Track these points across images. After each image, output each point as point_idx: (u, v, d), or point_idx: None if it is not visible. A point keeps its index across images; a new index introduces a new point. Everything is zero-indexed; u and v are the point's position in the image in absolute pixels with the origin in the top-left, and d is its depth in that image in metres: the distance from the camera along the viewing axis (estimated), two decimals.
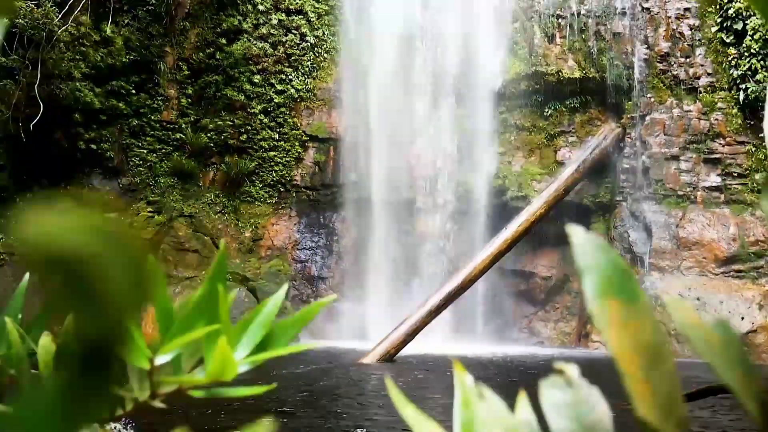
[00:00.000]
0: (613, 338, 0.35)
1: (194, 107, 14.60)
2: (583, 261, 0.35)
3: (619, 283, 0.36)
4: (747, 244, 12.13)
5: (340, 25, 14.68)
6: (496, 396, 0.42)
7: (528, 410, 0.42)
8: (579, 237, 0.36)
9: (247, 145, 14.73)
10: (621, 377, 0.35)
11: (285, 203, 14.92)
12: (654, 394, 0.36)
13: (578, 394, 0.38)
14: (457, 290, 11.32)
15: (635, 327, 0.35)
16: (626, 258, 12.96)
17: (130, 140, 14.14)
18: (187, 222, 14.16)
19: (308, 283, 14.73)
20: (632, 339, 0.35)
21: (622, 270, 0.36)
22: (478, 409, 0.41)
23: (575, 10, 13.55)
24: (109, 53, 13.28)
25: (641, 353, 0.35)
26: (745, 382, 0.40)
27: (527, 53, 13.74)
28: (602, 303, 0.35)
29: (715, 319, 0.38)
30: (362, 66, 14.22)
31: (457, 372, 0.43)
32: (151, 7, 13.79)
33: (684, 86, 12.96)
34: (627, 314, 0.35)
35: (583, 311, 13.64)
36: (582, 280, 0.36)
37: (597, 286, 0.35)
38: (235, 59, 14.40)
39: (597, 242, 0.36)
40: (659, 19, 13.17)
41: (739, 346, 0.41)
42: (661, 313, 11.88)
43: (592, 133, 13.67)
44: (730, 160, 12.57)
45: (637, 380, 0.35)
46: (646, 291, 12.27)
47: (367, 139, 14.23)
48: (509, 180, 13.89)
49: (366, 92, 14.21)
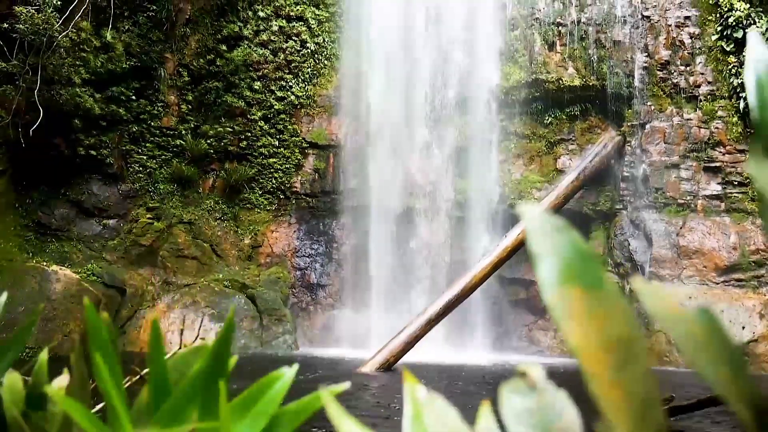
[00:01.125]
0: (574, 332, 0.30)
1: (194, 113, 14.59)
2: (538, 244, 0.31)
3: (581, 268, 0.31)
4: (748, 253, 12.07)
5: (341, 32, 14.68)
6: (451, 408, 0.38)
7: (490, 420, 0.38)
8: (533, 218, 0.32)
9: (247, 151, 14.70)
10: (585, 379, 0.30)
11: (284, 210, 14.88)
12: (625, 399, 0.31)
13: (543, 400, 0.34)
14: (456, 298, 11.27)
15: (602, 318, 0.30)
16: (627, 266, 12.90)
17: (129, 146, 14.12)
18: (187, 229, 14.11)
19: (307, 291, 14.67)
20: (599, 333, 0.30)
21: (585, 253, 0.31)
22: (431, 422, 0.37)
23: (575, 18, 13.54)
24: (110, 59, 13.27)
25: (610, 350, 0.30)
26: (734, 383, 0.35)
27: (527, 61, 13.73)
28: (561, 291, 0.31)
29: (697, 307, 0.34)
30: (362, 73, 14.21)
31: (408, 384, 0.39)
32: (151, 13, 13.79)
33: (684, 94, 12.93)
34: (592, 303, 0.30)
35: None
36: (536, 266, 0.32)
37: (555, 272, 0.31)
38: (236, 66, 14.39)
39: (554, 223, 0.32)
40: (659, 28, 13.16)
41: (727, 339, 0.36)
42: None
43: (592, 141, 13.64)
44: (731, 168, 12.52)
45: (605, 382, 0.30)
46: None
47: (367, 146, 14.20)
48: (509, 188, 13.84)
49: (366, 99, 14.19)
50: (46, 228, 13.28)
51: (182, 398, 0.52)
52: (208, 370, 0.51)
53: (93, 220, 13.75)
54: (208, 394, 0.52)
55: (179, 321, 12.46)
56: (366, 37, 14.21)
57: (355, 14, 14.40)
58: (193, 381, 0.52)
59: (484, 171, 13.91)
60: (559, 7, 13.70)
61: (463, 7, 13.86)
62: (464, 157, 13.99)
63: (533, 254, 0.32)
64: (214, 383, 0.52)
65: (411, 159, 14.20)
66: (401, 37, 14.04)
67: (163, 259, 13.69)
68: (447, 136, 13.99)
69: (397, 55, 14.05)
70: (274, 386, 0.55)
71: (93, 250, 13.40)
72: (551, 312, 0.32)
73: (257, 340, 12.65)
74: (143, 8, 13.73)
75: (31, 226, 13.14)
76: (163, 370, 0.54)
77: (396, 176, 14.13)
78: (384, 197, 14.04)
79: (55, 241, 13.20)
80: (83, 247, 13.38)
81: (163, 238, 13.77)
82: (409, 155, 14.19)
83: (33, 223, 13.18)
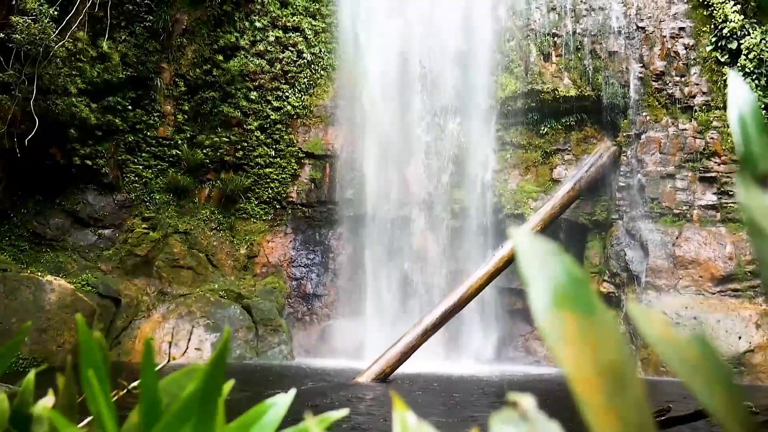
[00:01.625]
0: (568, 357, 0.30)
1: (190, 123, 14.58)
2: (530, 268, 0.30)
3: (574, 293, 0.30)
4: (743, 263, 12.08)
5: (337, 42, 14.73)
6: None
7: None
8: (523, 241, 0.31)
9: (243, 161, 14.70)
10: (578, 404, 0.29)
11: (280, 220, 14.86)
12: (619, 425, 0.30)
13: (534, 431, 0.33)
14: (453, 308, 11.24)
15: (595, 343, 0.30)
16: (623, 276, 12.91)
17: (125, 156, 14.09)
18: (182, 239, 14.08)
19: (303, 301, 14.63)
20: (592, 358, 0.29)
21: (577, 277, 0.31)
22: None
23: (571, 29, 13.60)
24: (106, 69, 13.27)
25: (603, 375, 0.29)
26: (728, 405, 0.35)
27: (523, 71, 13.78)
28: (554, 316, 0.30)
29: (691, 332, 0.33)
30: (358, 83, 14.25)
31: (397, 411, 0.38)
32: (148, 23, 13.81)
33: (679, 105, 12.98)
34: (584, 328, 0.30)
35: None
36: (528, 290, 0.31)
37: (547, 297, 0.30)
38: (232, 76, 14.41)
39: (545, 246, 0.31)
40: (654, 39, 13.23)
41: (719, 363, 0.36)
42: None
43: (588, 151, 13.67)
44: (726, 178, 12.55)
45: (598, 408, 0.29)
46: None
47: (363, 156, 14.22)
48: (505, 197, 13.86)
49: (362, 109, 14.22)
50: (41, 238, 13.23)
51: (174, 420, 0.51)
52: (201, 392, 0.49)
53: (88, 230, 13.71)
54: (202, 416, 0.51)
55: (174, 331, 12.40)
56: (362, 47, 14.26)
57: (351, 25, 14.46)
58: (186, 403, 0.51)
59: (480, 180, 13.93)
60: (555, 18, 13.77)
61: (458, 18, 13.92)
62: (460, 166, 14.01)
63: (524, 278, 0.31)
64: (209, 405, 0.50)
65: (407, 169, 14.22)
66: (397, 47, 14.09)
67: (159, 270, 13.65)
68: (443, 146, 14.00)
69: (392, 65, 14.09)
70: (266, 415, 0.53)
71: (88, 260, 13.35)
72: (544, 337, 0.31)
73: (253, 351, 12.60)
74: (140, 18, 13.75)
75: (25, 236, 13.09)
76: (154, 391, 0.52)
77: (392, 186, 14.14)
78: (380, 207, 14.05)
79: (50, 251, 13.14)
80: (78, 257, 13.33)
81: (159, 248, 13.73)
82: (405, 165, 14.20)
83: (28, 233, 13.12)
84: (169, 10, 14.09)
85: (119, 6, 13.32)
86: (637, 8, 13.43)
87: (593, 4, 13.64)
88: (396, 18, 14.02)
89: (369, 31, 14.17)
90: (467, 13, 13.92)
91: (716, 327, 11.46)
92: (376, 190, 14.07)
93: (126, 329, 12.52)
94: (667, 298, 12.16)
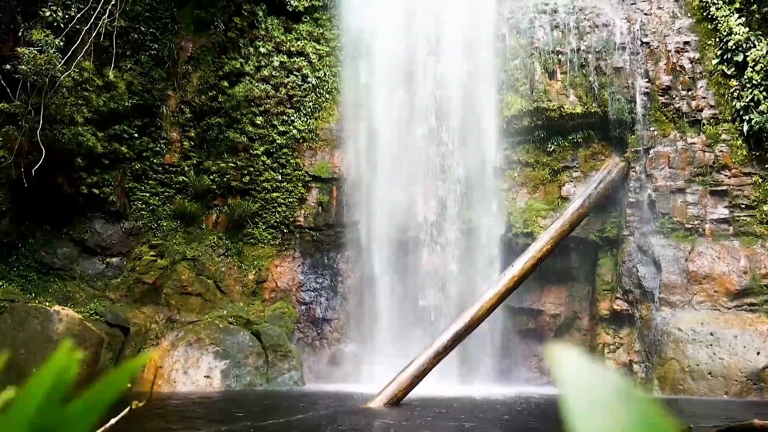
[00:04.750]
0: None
1: (197, 150, 14.60)
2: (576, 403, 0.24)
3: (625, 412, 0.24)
4: (758, 277, 11.90)
5: (341, 65, 14.76)
6: None
7: None
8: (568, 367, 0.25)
9: (249, 186, 14.68)
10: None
11: (288, 244, 14.79)
12: None
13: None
14: (464, 330, 11.09)
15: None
16: (636, 293, 12.72)
17: (132, 184, 14.10)
18: (190, 265, 14.02)
19: (313, 326, 14.50)
20: None
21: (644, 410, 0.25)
22: None
23: (575, 46, 13.59)
24: (112, 98, 13.33)
25: None
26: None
27: (528, 90, 13.75)
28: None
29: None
30: (364, 105, 14.26)
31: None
32: (153, 51, 13.90)
33: (687, 119, 12.90)
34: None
35: (594, 349, 13.34)
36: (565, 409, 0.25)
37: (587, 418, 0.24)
38: (238, 101, 14.45)
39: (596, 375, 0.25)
40: (659, 53, 13.19)
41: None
42: (674, 349, 11.60)
43: (597, 167, 13.58)
44: (737, 191, 12.42)
45: None
46: (657, 327, 12.00)
47: (370, 178, 14.18)
48: (514, 216, 13.75)
49: (368, 131, 14.21)
50: (49, 268, 13.19)
51: None
52: None
53: (96, 259, 13.67)
54: None
55: (183, 359, 12.28)
56: (366, 70, 14.29)
57: (355, 48, 14.51)
58: None
59: (488, 200, 13.84)
60: (558, 36, 13.77)
61: (462, 39, 13.94)
62: (468, 186, 13.93)
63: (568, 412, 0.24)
64: None
65: (415, 190, 14.15)
66: (401, 69, 14.11)
67: (167, 297, 13.57)
68: (450, 166, 13.94)
69: (397, 86, 14.10)
70: None
71: (96, 288, 13.30)
72: None
73: (263, 377, 12.46)
74: (145, 47, 13.84)
75: (33, 266, 13.05)
76: None
77: (400, 208, 14.07)
78: (388, 229, 13.96)
79: (57, 281, 13.10)
80: (86, 286, 13.28)
81: (167, 275, 13.66)
82: (413, 186, 14.14)
83: (36, 263, 13.09)
84: (174, 38, 14.20)
85: (125, 35, 13.42)
86: (641, 24, 13.41)
87: (597, 21, 13.64)
88: (400, 40, 14.06)
89: (373, 53, 14.21)
90: (471, 33, 13.94)
91: (733, 342, 11.25)
92: (384, 212, 13.99)
93: (135, 358, 12.40)
94: (682, 314, 11.96)
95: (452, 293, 13.53)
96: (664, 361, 11.67)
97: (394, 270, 13.92)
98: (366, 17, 14.24)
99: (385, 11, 14.08)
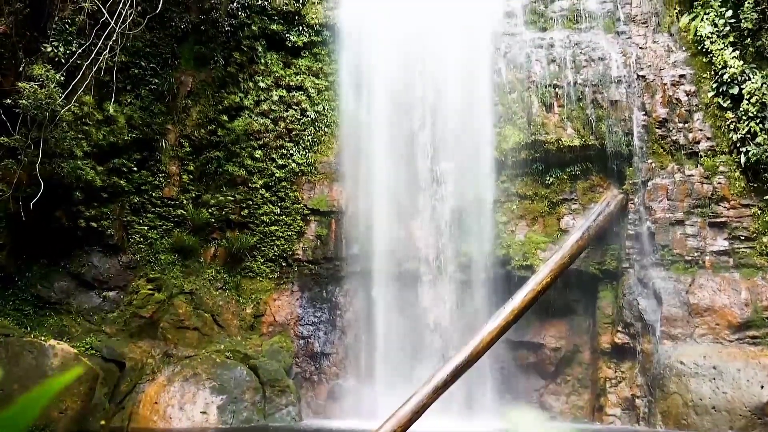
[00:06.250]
0: None
1: (195, 183, 14.62)
2: None
3: None
4: (760, 309, 11.80)
5: (340, 99, 14.87)
6: None
7: None
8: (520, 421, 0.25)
9: (248, 220, 14.66)
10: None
11: (287, 278, 14.71)
12: None
13: None
14: (464, 364, 10.96)
15: None
16: (637, 327, 12.60)
17: (131, 217, 14.09)
18: (188, 299, 13.91)
19: (311, 360, 14.33)
20: None
21: None
22: None
23: (571, 79, 13.71)
24: (112, 131, 13.40)
25: None
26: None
27: (526, 123, 13.83)
28: None
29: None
30: (362, 139, 14.31)
31: None
32: (153, 86, 14.02)
33: (684, 151, 12.94)
34: None
35: (595, 383, 13.17)
36: None
37: None
38: (237, 135, 14.52)
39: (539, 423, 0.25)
40: (655, 86, 13.30)
41: None
42: (676, 383, 11.44)
43: (595, 199, 13.58)
44: (736, 223, 12.39)
45: None
46: (659, 361, 11.86)
47: (369, 211, 14.16)
48: (513, 249, 13.70)
49: (366, 165, 14.25)
50: (45, 301, 13.09)
51: None
52: None
53: (93, 293, 13.58)
54: None
55: (179, 394, 12.10)
56: (365, 104, 14.40)
57: (354, 83, 14.63)
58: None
59: (487, 233, 13.80)
60: (555, 70, 13.90)
61: (459, 73, 14.07)
62: (467, 219, 13.91)
63: None
64: None
65: (413, 223, 14.13)
66: (400, 103, 14.21)
67: (164, 331, 13.43)
68: (448, 199, 13.95)
69: (396, 120, 14.18)
70: None
71: (92, 323, 13.18)
72: None
73: (260, 413, 12.27)
74: (146, 82, 13.96)
75: (29, 299, 12.96)
76: None
77: (398, 241, 14.03)
78: (387, 262, 13.90)
79: (53, 315, 12.99)
80: (82, 320, 13.16)
81: (164, 309, 13.55)
82: (411, 220, 14.13)
83: (32, 297, 13.00)
84: (174, 72, 14.33)
85: (125, 70, 13.54)
86: (637, 57, 13.55)
87: (592, 54, 13.78)
88: (398, 74, 14.19)
89: (371, 87, 14.32)
90: (468, 68, 14.08)
91: (737, 376, 11.10)
92: (383, 246, 13.95)
93: (130, 393, 12.23)
94: (685, 348, 11.83)
95: (451, 326, 13.41)
96: (666, 396, 11.51)
97: (393, 304, 13.82)
98: (364, 52, 14.40)
99: (383, 46, 14.24)
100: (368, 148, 14.23)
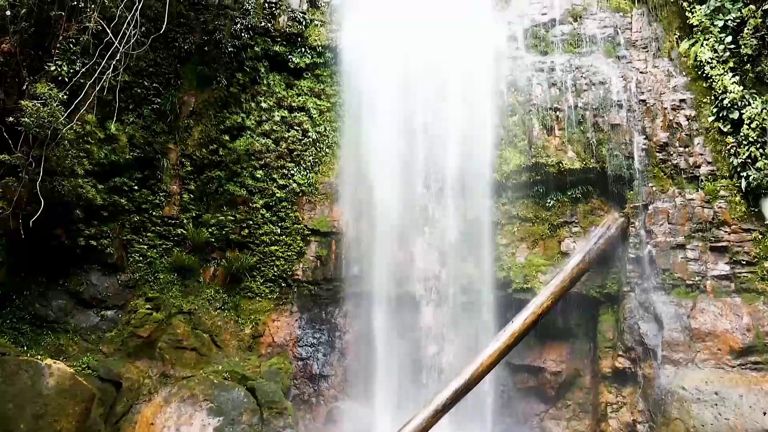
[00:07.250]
0: None
1: (196, 203, 14.62)
2: None
3: None
4: (762, 335, 11.72)
5: (341, 120, 14.92)
6: None
7: None
8: None
9: (248, 239, 14.63)
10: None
11: (286, 298, 14.65)
12: None
13: None
14: (464, 387, 10.88)
15: None
16: (638, 351, 12.51)
17: (130, 236, 14.06)
18: (186, 319, 13.82)
19: (310, 382, 14.22)
20: None
21: None
22: None
23: (572, 103, 13.78)
24: (113, 150, 13.43)
25: None
26: None
27: (527, 145, 13.87)
28: None
29: None
30: (363, 160, 14.34)
31: None
32: (156, 105, 14.08)
33: (685, 175, 12.96)
34: None
35: (596, 408, 13.04)
36: None
37: None
38: (238, 155, 14.55)
39: None
40: (655, 111, 13.36)
41: None
42: (678, 409, 11.33)
43: (596, 223, 13.57)
44: (737, 248, 12.36)
45: None
46: (661, 386, 11.76)
47: (369, 232, 14.15)
48: (514, 272, 13.66)
49: (367, 186, 14.26)
50: (43, 320, 13.00)
51: None
52: None
53: (91, 312, 13.49)
54: None
55: (176, 415, 11.97)
56: (366, 125, 14.44)
57: (356, 104, 14.69)
58: None
59: (487, 255, 13.77)
60: (556, 93, 13.97)
61: (461, 95, 14.14)
62: (467, 241, 13.89)
63: None
64: None
65: (414, 245, 14.10)
66: (401, 124, 14.25)
67: (162, 351, 13.32)
68: (449, 221, 13.94)
69: (397, 142, 14.21)
70: None
71: (89, 342, 13.08)
72: None
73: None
74: (148, 101, 14.02)
75: (27, 318, 12.87)
76: None
77: (399, 262, 13.99)
78: (387, 284, 13.85)
79: (51, 334, 12.89)
80: (79, 339, 13.06)
81: (162, 329, 13.46)
82: (412, 241, 14.10)
83: (29, 316, 12.91)
84: (176, 92, 14.40)
85: (128, 89, 13.60)
86: (637, 81, 13.63)
87: (593, 78, 13.86)
88: (399, 96, 14.25)
89: (373, 108, 14.37)
90: (469, 91, 14.15)
91: (739, 402, 11.00)
92: (383, 267, 13.91)
93: (126, 414, 12.10)
94: (686, 373, 11.73)
95: (451, 349, 13.33)
96: (668, 421, 11.38)
97: (392, 325, 13.74)
98: (366, 74, 14.48)
99: (385, 68, 14.32)
100: (369, 169, 14.25)
